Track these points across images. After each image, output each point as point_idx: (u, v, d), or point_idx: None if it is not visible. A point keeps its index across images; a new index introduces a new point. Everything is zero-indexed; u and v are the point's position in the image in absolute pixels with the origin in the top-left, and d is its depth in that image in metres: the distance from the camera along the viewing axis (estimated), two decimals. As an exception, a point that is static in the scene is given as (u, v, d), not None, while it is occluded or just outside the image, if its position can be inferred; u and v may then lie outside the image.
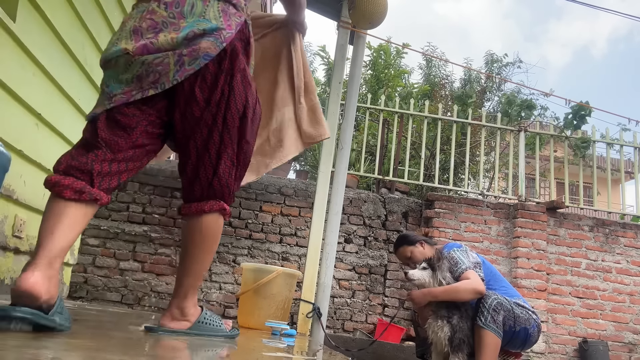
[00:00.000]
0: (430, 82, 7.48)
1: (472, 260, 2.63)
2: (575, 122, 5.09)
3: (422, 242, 2.85)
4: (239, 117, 1.56)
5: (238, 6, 1.57)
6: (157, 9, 1.49)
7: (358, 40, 3.52)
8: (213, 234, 1.63)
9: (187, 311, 1.63)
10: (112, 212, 4.38)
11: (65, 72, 2.69)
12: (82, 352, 1.11)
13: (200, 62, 1.46)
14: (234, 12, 1.55)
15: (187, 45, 1.46)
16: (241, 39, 1.56)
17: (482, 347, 2.42)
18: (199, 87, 1.49)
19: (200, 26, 1.47)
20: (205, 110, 1.51)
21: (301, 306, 3.08)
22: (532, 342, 2.62)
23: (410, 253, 2.82)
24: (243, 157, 1.62)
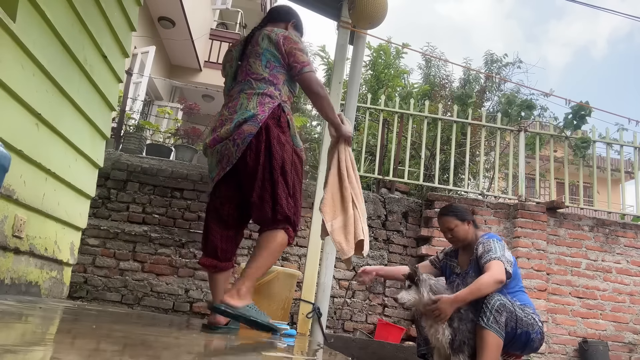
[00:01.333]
0: (430, 82, 7.48)
1: (507, 256, 2.62)
2: (575, 122, 5.09)
3: (470, 222, 2.81)
4: (280, 170, 2.16)
5: (272, 96, 2.23)
6: (224, 112, 2.28)
7: (358, 40, 3.52)
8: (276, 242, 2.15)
9: (242, 293, 2.06)
10: (112, 212, 4.38)
11: (65, 72, 2.69)
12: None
13: (247, 139, 2.14)
14: (268, 101, 2.21)
15: (235, 130, 2.16)
16: (273, 117, 2.19)
17: (484, 348, 2.42)
18: (249, 156, 2.15)
19: (243, 116, 2.17)
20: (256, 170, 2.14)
21: (301, 306, 3.08)
22: (534, 347, 2.61)
23: (455, 227, 2.78)
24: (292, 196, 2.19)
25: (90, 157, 3.17)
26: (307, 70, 2.26)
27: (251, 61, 2.29)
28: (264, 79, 2.25)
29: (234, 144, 2.15)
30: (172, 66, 9.68)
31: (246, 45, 2.36)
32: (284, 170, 2.16)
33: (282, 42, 2.28)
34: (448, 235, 2.83)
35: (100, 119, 3.24)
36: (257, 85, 2.24)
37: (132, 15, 3.43)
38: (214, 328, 2.18)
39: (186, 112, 6.95)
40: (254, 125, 2.14)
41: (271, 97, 2.22)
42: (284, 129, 2.21)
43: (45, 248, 2.78)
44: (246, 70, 2.30)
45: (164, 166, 4.59)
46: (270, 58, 2.27)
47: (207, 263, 2.26)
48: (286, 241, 2.17)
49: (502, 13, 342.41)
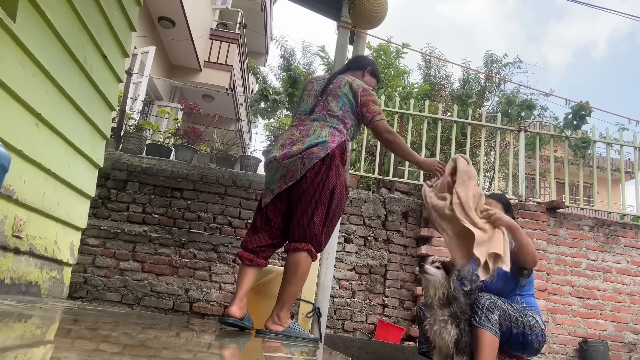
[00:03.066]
0: (430, 82, 7.47)
1: None
2: (575, 122, 5.09)
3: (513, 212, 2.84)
4: (329, 193, 2.38)
5: (342, 132, 2.52)
6: (295, 132, 2.53)
7: (358, 40, 3.52)
8: (301, 266, 2.35)
9: (281, 318, 2.34)
10: (112, 212, 4.38)
11: (65, 72, 2.69)
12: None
13: (314, 160, 2.38)
14: (338, 134, 2.49)
15: (305, 151, 2.40)
16: (339, 148, 2.45)
17: (479, 347, 2.41)
18: (309, 173, 2.38)
19: (316, 140, 2.43)
20: (310, 186, 2.38)
21: (301, 306, 3.08)
22: (534, 349, 2.60)
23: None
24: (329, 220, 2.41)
25: (90, 157, 3.17)
26: (377, 119, 2.56)
27: (329, 99, 2.59)
28: (337, 117, 2.55)
29: (302, 162, 2.40)
30: (172, 66, 9.68)
31: (328, 84, 2.66)
32: (333, 196, 2.39)
33: (360, 93, 2.58)
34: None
35: (100, 118, 3.24)
36: (330, 120, 2.54)
37: (132, 15, 3.43)
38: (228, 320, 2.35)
39: (186, 112, 6.95)
40: (322, 150, 2.40)
41: (340, 133, 2.51)
42: (344, 162, 2.51)
43: (45, 248, 2.77)
44: (324, 105, 2.59)
45: (164, 166, 4.59)
46: (345, 102, 2.57)
47: (246, 256, 2.46)
48: (309, 262, 2.38)
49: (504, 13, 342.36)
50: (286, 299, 2.34)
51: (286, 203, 2.46)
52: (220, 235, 4.41)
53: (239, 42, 10.32)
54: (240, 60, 10.76)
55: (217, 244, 4.39)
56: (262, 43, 13.19)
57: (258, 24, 12.08)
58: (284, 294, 2.34)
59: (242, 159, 5.69)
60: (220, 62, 9.89)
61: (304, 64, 7.44)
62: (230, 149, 5.81)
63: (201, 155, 5.70)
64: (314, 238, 2.34)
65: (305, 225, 2.34)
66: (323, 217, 2.37)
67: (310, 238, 2.34)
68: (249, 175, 4.74)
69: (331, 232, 2.46)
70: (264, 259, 2.48)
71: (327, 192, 2.37)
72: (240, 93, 11.19)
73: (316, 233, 2.35)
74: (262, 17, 12.06)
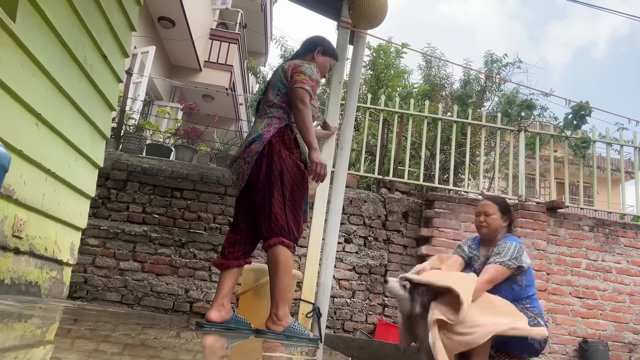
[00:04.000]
0: (430, 82, 7.47)
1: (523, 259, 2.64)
2: (575, 122, 5.08)
3: (507, 220, 2.81)
4: (278, 179, 2.34)
5: (281, 118, 2.47)
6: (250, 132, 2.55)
7: (358, 40, 3.52)
8: (279, 260, 2.32)
9: (280, 317, 2.30)
10: (112, 212, 4.38)
11: (65, 72, 2.69)
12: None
13: (254, 157, 2.38)
14: (275, 122, 2.45)
15: (245, 150, 2.43)
16: (278, 134, 2.41)
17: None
18: (254, 171, 2.39)
19: (253, 137, 2.44)
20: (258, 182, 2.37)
21: (301, 306, 3.08)
22: (535, 351, 2.60)
23: (493, 214, 2.77)
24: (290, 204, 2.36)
25: (90, 157, 3.17)
26: (296, 86, 2.43)
27: (269, 91, 2.57)
28: (274, 104, 2.50)
29: (245, 162, 2.42)
30: (172, 66, 9.67)
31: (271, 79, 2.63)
32: (283, 180, 2.35)
33: (290, 71, 2.49)
34: (481, 218, 2.81)
35: (100, 118, 3.24)
36: (269, 110, 2.51)
37: (132, 15, 3.43)
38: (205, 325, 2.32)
39: (186, 112, 6.95)
40: (259, 144, 2.39)
41: (279, 119, 2.47)
42: (288, 146, 2.43)
43: (45, 248, 2.77)
44: (265, 99, 2.58)
45: (164, 166, 4.58)
46: (280, 87, 2.51)
47: (217, 262, 2.49)
48: (288, 253, 2.34)
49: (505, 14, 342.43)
50: (278, 297, 2.32)
51: (248, 201, 2.47)
52: (220, 235, 4.41)
53: (239, 42, 10.32)
54: (240, 60, 10.75)
55: (217, 244, 4.39)
56: (262, 43, 13.18)
57: (258, 24, 12.07)
58: (274, 292, 2.34)
59: (242, 159, 5.68)
60: (220, 62, 9.89)
61: (304, 64, 7.42)
62: (230, 149, 5.81)
63: (201, 155, 5.70)
64: (281, 229, 2.32)
65: (268, 220, 2.33)
66: (282, 205, 2.34)
67: (278, 230, 2.32)
68: (249, 175, 4.73)
69: (299, 214, 2.42)
70: (234, 259, 2.46)
71: (276, 179, 2.35)
72: (240, 93, 11.19)
73: (282, 224, 2.33)
74: (262, 17, 12.06)
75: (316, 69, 2.56)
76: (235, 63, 10.12)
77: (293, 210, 2.39)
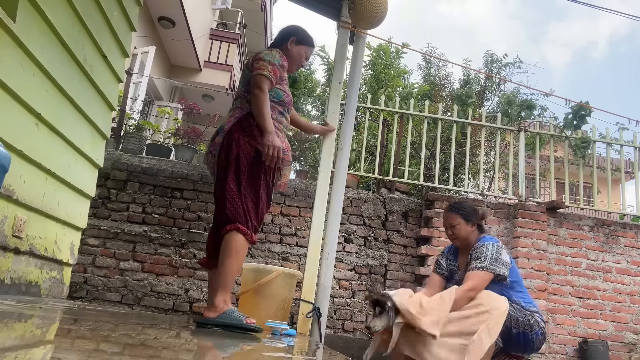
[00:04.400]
0: (430, 82, 7.48)
1: (503, 259, 2.56)
2: (575, 122, 5.08)
3: (474, 224, 2.75)
4: (234, 166, 2.34)
5: (243, 108, 2.49)
6: None
7: (358, 40, 3.52)
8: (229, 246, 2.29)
9: (216, 304, 2.25)
10: (112, 212, 4.38)
11: (65, 72, 2.69)
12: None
13: (217, 149, 2.43)
14: (239, 111, 2.48)
15: (211, 144, 2.49)
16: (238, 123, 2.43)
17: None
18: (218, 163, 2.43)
19: (217, 131, 2.49)
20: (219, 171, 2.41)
21: (301, 306, 3.08)
22: (535, 348, 2.59)
23: (457, 224, 2.71)
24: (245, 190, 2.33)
25: (90, 157, 3.17)
26: (255, 73, 2.42)
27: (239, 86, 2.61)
28: (239, 96, 2.54)
29: (212, 156, 2.48)
30: (172, 66, 9.67)
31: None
32: (238, 167, 2.34)
33: (251, 60, 2.50)
34: (449, 232, 2.78)
35: (100, 118, 3.24)
36: (235, 103, 2.55)
37: (132, 15, 3.43)
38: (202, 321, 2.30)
39: (186, 112, 6.95)
40: (221, 136, 2.44)
41: (241, 109, 2.48)
42: (248, 132, 2.40)
43: (45, 248, 2.78)
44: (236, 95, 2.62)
45: (164, 166, 4.58)
46: (245, 79, 2.53)
47: (202, 262, 2.53)
48: (242, 240, 2.30)
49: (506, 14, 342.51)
50: (221, 283, 2.28)
51: None
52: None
53: (239, 42, 10.32)
54: (240, 60, 10.76)
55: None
56: (262, 43, 13.18)
57: (258, 24, 12.07)
58: (219, 277, 2.30)
59: (242, 159, 5.68)
60: (220, 62, 9.89)
61: (304, 64, 7.43)
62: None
63: (201, 155, 5.70)
64: (237, 216, 2.30)
65: (224, 207, 2.32)
66: (237, 191, 2.32)
67: (233, 217, 2.30)
68: (249, 175, 4.74)
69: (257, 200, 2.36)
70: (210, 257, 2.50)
71: (231, 165, 2.34)
72: (240, 93, 11.17)
73: (237, 210, 2.30)
74: (262, 17, 12.06)
75: (279, 55, 2.53)
76: (235, 63, 10.12)
77: (251, 196, 2.34)
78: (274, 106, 2.50)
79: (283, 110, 2.58)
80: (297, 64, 2.77)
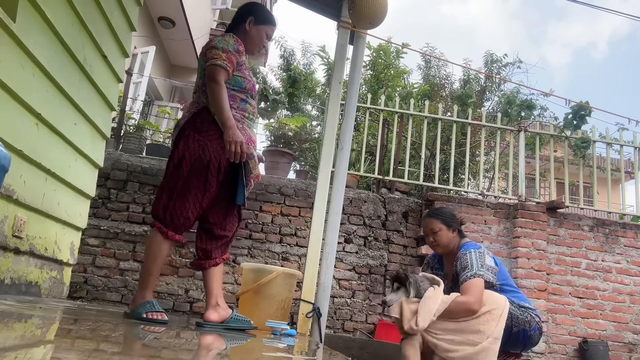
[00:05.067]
0: (430, 82, 7.47)
1: (488, 264, 2.53)
2: (575, 122, 5.08)
3: (455, 229, 2.72)
4: (175, 165, 2.26)
5: (199, 102, 2.35)
6: None
7: (358, 40, 3.52)
8: (147, 245, 2.30)
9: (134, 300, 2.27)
10: (112, 212, 4.38)
11: (65, 72, 2.69)
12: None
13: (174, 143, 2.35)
14: (195, 105, 2.35)
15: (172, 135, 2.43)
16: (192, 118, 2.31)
17: None
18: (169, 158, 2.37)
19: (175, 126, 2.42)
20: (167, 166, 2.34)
21: (301, 306, 3.08)
22: (533, 344, 2.60)
23: (439, 230, 2.67)
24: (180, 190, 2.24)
25: (90, 157, 3.17)
26: (208, 63, 2.26)
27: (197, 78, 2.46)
28: (197, 89, 2.40)
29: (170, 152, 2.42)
30: (172, 66, 9.67)
31: None
32: (179, 166, 2.26)
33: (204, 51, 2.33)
34: (430, 239, 2.72)
35: (100, 118, 3.24)
36: (193, 97, 2.42)
37: (132, 15, 3.43)
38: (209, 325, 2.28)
39: (186, 112, 6.94)
40: (176, 132, 2.36)
41: (198, 103, 2.35)
42: (200, 130, 2.28)
43: (45, 248, 2.78)
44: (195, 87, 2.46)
45: (164, 166, 4.58)
46: (201, 70, 2.37)
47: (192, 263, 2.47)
48: (157, 238, 2.24)
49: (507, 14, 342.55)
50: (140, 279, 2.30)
51: None
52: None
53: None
54: (240, 60, 10.73)
55: (217, 244, 4.39)
56: (262, 43, 13.16)
57: (258, 24, 12.05)
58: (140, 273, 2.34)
59: (242, 159, 5.68)
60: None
61: (303, 64, 7.44)
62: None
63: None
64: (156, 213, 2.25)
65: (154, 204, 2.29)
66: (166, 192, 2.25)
67: (156, 214, 2.26)
68: (249, 175, 4.74)
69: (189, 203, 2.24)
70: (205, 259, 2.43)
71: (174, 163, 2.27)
72: (240, 93, 11.17)
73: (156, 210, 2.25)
74: (262, 17, 12.04)
75: (233, 39, 2.36)
76: (235, 63, 10.10)
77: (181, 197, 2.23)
78: (235, 95, 2.36)
79: (246, 97, 2.42)
80: (259, 46, 2.54)
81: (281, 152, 5.27)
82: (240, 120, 2.35)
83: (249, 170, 2.36)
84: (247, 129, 2.38)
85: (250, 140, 2.36)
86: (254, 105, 2.50)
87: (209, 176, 2.25)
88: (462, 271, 2.51)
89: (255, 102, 2.53)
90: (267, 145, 5.89)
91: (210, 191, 2.27)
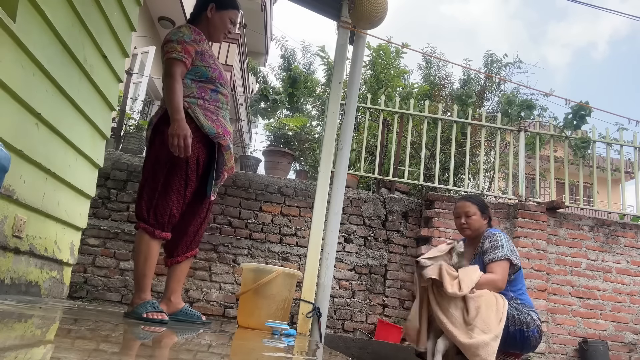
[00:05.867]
0: (430, 82, 7.46)
1: (516, 251, 2.65)
2: (575, 122, 5.08)
3: (487, 217, 2.82)
4: (153, 163, 2.28)
5: None
6: None
7: (358, 40, 3.52)
8: (135, 246, 2.30)
9: (132, 302, 2.27)
10: (112, 212, 4.38)
11: (65, 72, 2.69)
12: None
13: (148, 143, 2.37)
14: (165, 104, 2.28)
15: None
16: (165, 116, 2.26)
17: None
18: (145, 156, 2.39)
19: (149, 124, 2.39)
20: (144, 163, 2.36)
21: (301, 306, 3.08)
22: (531, 346, 2.61)
23: (473, 214, 2.77)
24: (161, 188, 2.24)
25: (90, 157, 3.17)
26: (165, 58, 2.27)
27: None
28: None
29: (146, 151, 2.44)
30: (172, 66, 9.66)
31: None
32: (157, 163, 2.26)
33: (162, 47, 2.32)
34: (462, 221, 2.81)
35: (100, 118, 3.24)
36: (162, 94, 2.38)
37: (132, 15, 3.43)
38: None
39: (186, 112, 6.94)
40: (150, 130, 2.36)
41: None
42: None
43: (45, 248, 2.78)
44: None
45: (164, 166, 4.59)
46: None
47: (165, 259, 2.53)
48: (144, 238, 2.24)
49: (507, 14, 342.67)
50: (134, 282, 2.31)
51: None
52: (220, 235, 4.41)
53: (239, 42, 10.31)
54: (240, 60, 10.75)
55: (217, 244, 4.39)
56: (262, 43, 13.18)
57: (258, 24, 12.07)
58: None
59: (242, 159, 5.70)
60: (220, 62, 9.89)
61: (304, 64, 7.44)
62: (230, 148, 5.80)
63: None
64: (140, 213, 2.26)
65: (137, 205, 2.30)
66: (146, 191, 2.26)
67: (140, 215, 2.26)
68: (249, 175, 4.74)
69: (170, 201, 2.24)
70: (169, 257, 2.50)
71: (150, 161, 2.30)
72: (240, 93, 11.19)
73: (139, 211, 2.26)
74: (262, 17, 12.06)
75: (189, 29, 2.34)
76: (235, 63, 10.11)
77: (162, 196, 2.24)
78: (204, 87, 2.33)
79: (216, 87, 2.38)
80: (224, 32, 2.52)
81: (281, 152, 5.27)
82: (214, 112, 2.35)
83: (222, 162, 2.36)
84: (222, 120, 2.38)
85: (225, 132, 2.35)
86: (226, 94, 2.46)
87: (189, 171, 2.27)
88: (493, 250, 2.61)
89: (227, 90, 2.49)
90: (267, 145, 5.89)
91: (191, 186, 2.30)
